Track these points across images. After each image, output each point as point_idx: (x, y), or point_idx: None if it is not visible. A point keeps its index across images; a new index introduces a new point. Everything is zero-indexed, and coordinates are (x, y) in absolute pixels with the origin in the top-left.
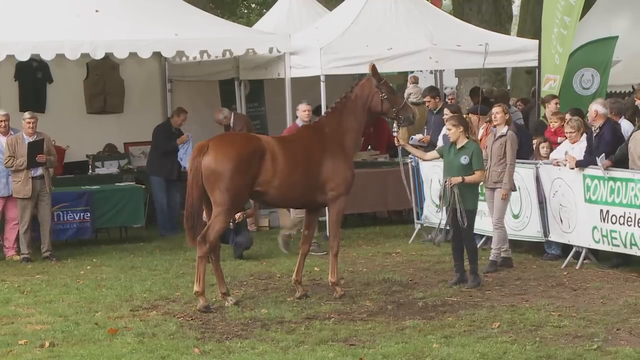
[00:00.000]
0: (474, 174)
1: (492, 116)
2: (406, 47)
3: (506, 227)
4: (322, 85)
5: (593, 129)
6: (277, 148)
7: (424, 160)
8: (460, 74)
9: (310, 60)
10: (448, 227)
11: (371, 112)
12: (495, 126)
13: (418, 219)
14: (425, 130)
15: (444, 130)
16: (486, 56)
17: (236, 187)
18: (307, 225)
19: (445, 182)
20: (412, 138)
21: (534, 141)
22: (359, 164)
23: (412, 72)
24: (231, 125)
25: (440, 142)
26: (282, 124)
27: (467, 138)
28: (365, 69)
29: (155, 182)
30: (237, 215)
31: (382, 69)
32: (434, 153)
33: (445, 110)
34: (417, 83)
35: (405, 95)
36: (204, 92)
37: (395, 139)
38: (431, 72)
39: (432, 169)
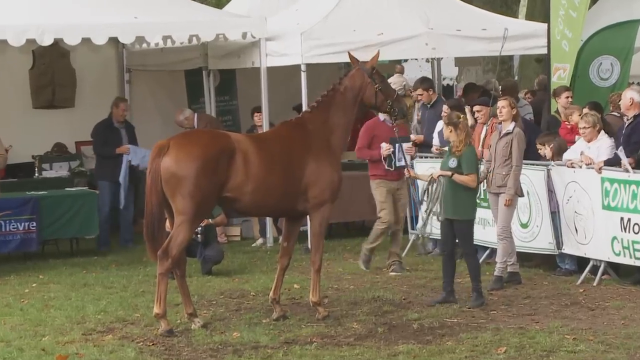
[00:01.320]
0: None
1: (498, 111)
2: (399, 32)
3: (513, 237)
4: (303, 75)
5: (626, 119)
6: (250, 147)
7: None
8: (460, 62)
9: (289, 47)
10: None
11: (363, 106)
12: (500, 122)
13: (413, 228)
14: (419, 127)
15: (438, 126)
16: (504, 43)
17: (201, 192)
18: (286, 237)
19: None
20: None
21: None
22: (345, 165)
23: (405, 60)
24: (195, 127)
25: (436, 140)
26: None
27: (464, 143)
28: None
29: (101, 188)
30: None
31: (370, 56)
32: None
33: (445, 107)
34: (402, 73)
35: None
36: (168, 83)
37: (406, 170)
38: (427, 60)
39: (428, 170)
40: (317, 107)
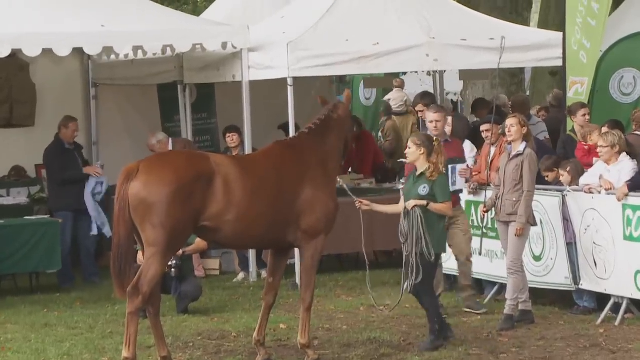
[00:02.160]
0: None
1: (506, 130)
2: (397, 42)
3: (525, 272)
4: (290, 90)
5: None
6: (233, 170)
7: (397, 212)
8: (466, 75)
9: (275, 58)
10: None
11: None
12: (510, 143)
13: None
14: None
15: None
16: (502, 54)
17: (174, 221)
18: (271, 271)
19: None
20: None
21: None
22: (338, 191)
23: (403, 73)
24: None
25: None
26: None
27: (430, 163)
28: (345, 70)
29: (61, 218)
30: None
31: (366, 69)
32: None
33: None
34: (402, 88)
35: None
36: (138, 99)
37: (358, 202)
38: (429, 73)
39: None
40: (315, 129)
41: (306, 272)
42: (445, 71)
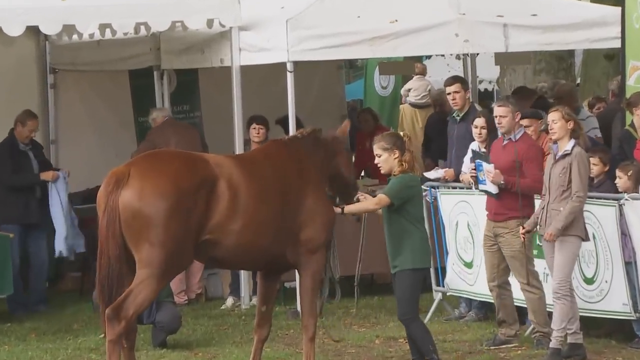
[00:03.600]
0: (400, 220)
1: (548, 127)
2: (419, 20)
3: (575, 297)
4: (290, 77)
5: None
6: (236, 173)
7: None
8: (503, 59)
9: (272, 39)
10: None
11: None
12: (555, 141)
13: (438, 284)
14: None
15: (470, 150)
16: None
17: (174, 237)
18: (263, 298)
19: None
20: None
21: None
22: None
23: (427, 57)
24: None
25: (465, 166)
26: (227, 136)
27: (402, 162)
28: (356, 53)
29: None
30: None
31: (381, 52)
32: None
33: (477, 121)
34: (424, 75)
35: (403, 92)
36: (106, 88)
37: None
38: (458, 57)
39: (457, 206)
40: (313, 132)
41: (308, 294)
42: (477, 54)
